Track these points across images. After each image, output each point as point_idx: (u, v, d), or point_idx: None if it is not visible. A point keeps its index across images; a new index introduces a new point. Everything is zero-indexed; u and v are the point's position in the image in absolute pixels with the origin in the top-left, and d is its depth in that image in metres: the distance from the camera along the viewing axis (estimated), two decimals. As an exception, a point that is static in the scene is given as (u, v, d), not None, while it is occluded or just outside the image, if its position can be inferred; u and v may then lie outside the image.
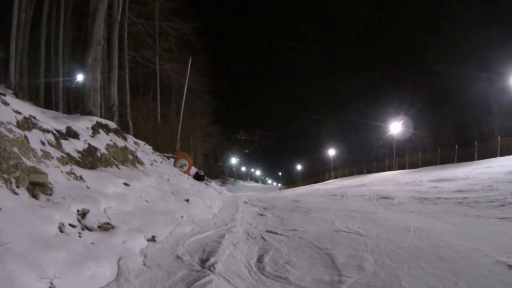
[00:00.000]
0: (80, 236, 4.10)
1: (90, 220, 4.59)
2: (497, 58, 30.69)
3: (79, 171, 6.08)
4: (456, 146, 29.90)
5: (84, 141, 7.35)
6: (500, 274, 3.69)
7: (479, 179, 12.01)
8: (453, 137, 38.12)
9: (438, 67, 42.34)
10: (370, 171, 40.59)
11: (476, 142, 27.57)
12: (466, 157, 27.47)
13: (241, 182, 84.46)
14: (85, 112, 10.20)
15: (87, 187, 5.74)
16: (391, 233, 5.88)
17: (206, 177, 17.05)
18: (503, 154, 24.15)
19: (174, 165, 16.20)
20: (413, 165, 33.09)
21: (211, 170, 65.54)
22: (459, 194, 9.81)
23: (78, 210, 4.60)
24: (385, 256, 4.55)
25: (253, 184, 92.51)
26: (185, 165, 16.54)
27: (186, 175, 14.96)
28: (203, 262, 4.40)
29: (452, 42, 42.57)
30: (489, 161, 20.72)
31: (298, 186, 50.13)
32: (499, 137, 26.23)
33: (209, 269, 4.06)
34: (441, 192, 10.69)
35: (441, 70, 41.88)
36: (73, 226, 4.20)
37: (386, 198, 10.92)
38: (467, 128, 38.56)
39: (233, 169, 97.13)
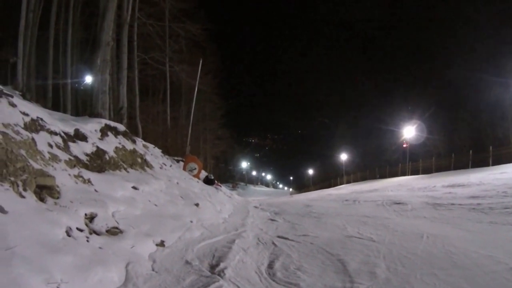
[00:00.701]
0: (87, 240, 4.07)
1: (98, 224, 4.55)
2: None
3: (87, 174, 6.04)
4: (471, 151, 29.46)
5: (93, 143, 7.33)
6: (513, 281, 3.63)
7: (493, 185, 11.84)
8: (467, 142, 37.62)
9: (452, 70, 42.20)
10: (382, 176, 40.33)
11: (490, 147, 27.17)
12: (481, 162, 27.02)
13: (251, 187, 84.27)
14: (94, 114, 10.17)
15: (95, 190, 5.70)
16: (404, 239, 5.81)
17: (216, 181, 16.98)
18: (518, 159, 23.65)
19: (184, 168, 16.13)
20: (427, 170, 32.65)
21: (221, 174, 65.53)
22: (473, 200, 9.68)
23: (86, 214, 4.56)
24: (398, 262, 4.50)
25: (264, 188, 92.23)
26: (195, 168, 16.45)
27: (196, 179, 14.88)
28: (212, 267, 4.35)
29: (466, 45, 42.42)
30: (504, 166, 20.44)
31: (310, 191, 50.00)
32: (513, 141, 25.66)
33: (218, 275, 4.02)
34: (455, 198, 10.55)
35: (455, 73, 41.71)
36: (81, 230, 4.16)
37: (398, 203, 10.79)
38: (481, 133, 38.08)
39: (244, 173, 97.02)
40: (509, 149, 26.13)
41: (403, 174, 36.21)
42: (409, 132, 37.91)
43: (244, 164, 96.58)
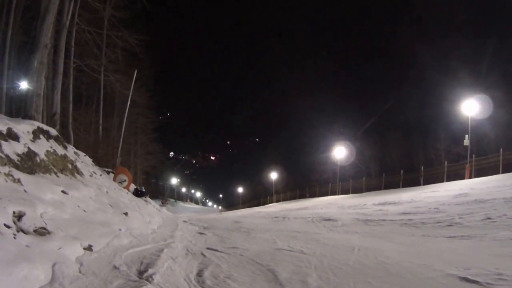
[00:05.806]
0: (14, 238, 4.00)
1: (26, 223, 4.44)
2: (450, 84, 32.19)
3: (17, 174, 5.87)
4: (402, 171, 30.37)
5: (24, 144, 7.08)
6: (452, 286, 3.77)
7: (425, 202, 12.19)
8: (399, 163, 38.86)
9: (383, 90, 44.53)
10: (312, 195, 40.87)
11: (422, 168, 28.21)
12: (412, 182, 27.78)
13: (181, 203, 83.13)
14: (27, 116, 9.76)
15: (25, 190, 5.55)
16: (335, 252, 5.83)
17: (145, 194, 16.77)
18: (449, 179, 24.35)
19: (114, 179, 15.81)
20: (357, 190, 33.15)
21: (151, 189, 64.15)
22: (404, 216, 9.91)
23: (14, 212, 4.45)
24: (329, 272, 4.53)
25: (194, 205, 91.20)
26: (125, 180, 16.15)
27: (126, 191, 14.65)
28: (140, 273, 4.33)
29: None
30: (435, 186, 21.06)
31: (239, 208, 50.03)
32: (445, 162, 26.83)
33: (146, 280, 4.01)
34: (386, 215, 10.77)
35: (387, 93, 43.98)
36: (8, 227, 4.09)
37: (329, 220, 10.82)
38: (413, 154, 39.51)
39: (174, 189, 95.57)
40: (440, 169, 27.14)
41: (333, 193, 36.85)
42: (340, 152, 38.77)
43: (174, 181, 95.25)
